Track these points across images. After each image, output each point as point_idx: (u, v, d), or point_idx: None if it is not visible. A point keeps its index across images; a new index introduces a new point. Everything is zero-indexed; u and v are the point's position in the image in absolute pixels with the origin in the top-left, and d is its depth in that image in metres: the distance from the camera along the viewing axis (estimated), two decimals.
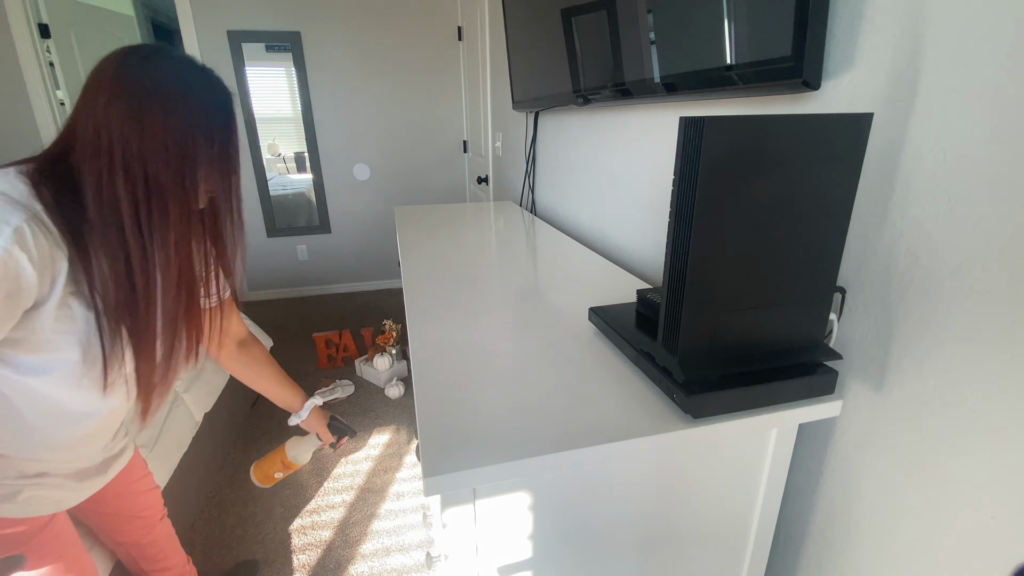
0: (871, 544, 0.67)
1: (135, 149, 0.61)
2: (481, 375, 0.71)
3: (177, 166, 0.64)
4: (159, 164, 0.62)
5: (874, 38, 0.59)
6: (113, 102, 0.61)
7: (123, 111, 0.61)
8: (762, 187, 0.52)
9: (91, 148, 0.61)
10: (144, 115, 0.61)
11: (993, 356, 0.50)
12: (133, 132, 0.61)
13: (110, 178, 0.61)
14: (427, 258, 1.31)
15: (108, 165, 0.61)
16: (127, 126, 0.61)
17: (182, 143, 0.64)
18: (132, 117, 0.61)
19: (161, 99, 0.63)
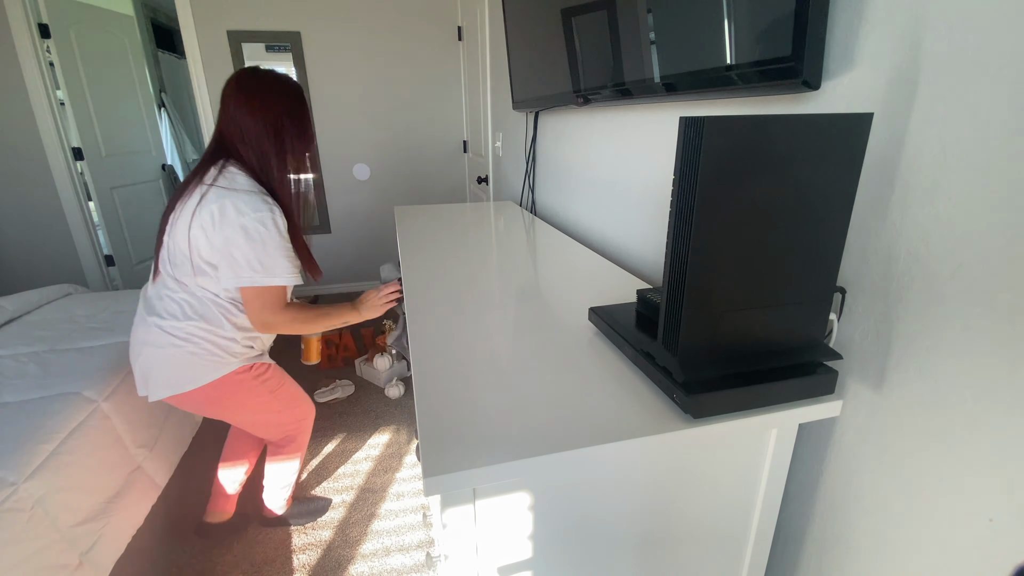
0: (871, 544, 0.67)
1: (253, 133, 1.11)
2: (481, 375, 0.71)
3: (276, 137, 1.12)
4: (269, 138, 1.12)
5: (874, 38, 0.59)
6: (238, 106, 1.10)
7: (243, 110, 1.10)
8: (762, 187, 0.52)
9: (237, 137, 1.12)
10: (253, 110, 1.10)
11: (993, 357, 0.50)
12: (250, 122, 1.11)
13: (252, 152, 1.12)
14: (427, 258, 1.31)
15: (246, 144, 1.11)
16: (247, 119, 1.10)
17: (276, 123, 1.12)
18: (248, 113, 1.10)
19: (260, 98, 1.11)
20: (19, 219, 3.06)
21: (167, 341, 1.13)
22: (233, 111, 1.10)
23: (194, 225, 1.07)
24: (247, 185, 1.09)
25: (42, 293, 2.01)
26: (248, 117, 1.10)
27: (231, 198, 1.06)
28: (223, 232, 1.05)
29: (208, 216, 1.06)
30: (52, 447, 1.16)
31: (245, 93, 1.10)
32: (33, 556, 1.03)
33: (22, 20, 2.75)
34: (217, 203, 1.06)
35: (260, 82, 1.11)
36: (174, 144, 4.74)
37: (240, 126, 1.10)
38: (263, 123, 1.10)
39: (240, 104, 1.10)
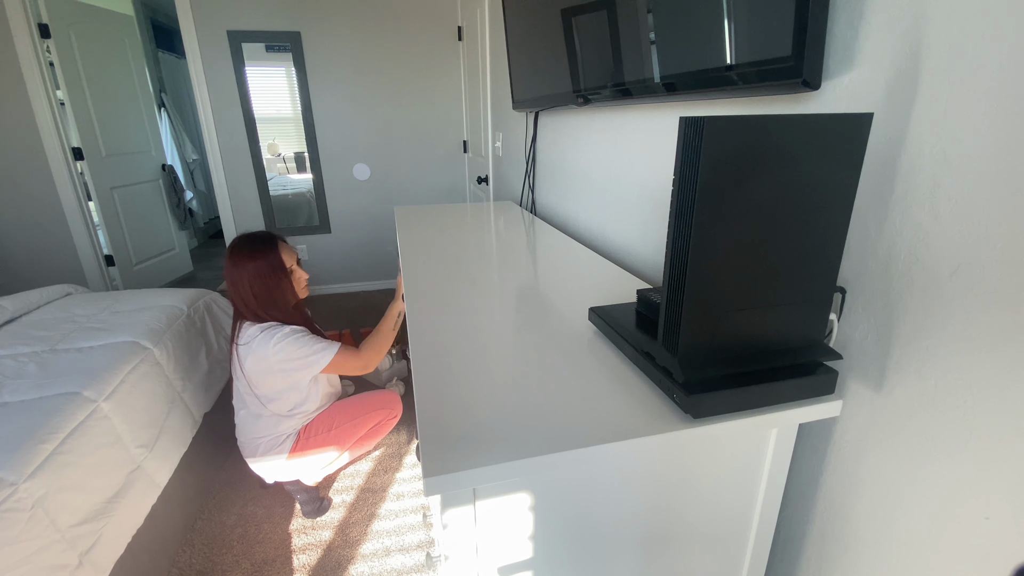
0: (871, 544, 0.67)
1: (235, 287, 1.45)
2: (481, 375, 0.71)
3: (257, 287, 1.44)
4: (248, 289, 1.44)
5: (874, 38, 0.59)
6: (228, 271, 1.45)
7: (231, 285, 1.45)
8: (762, 187, 0.52)
9: (233, 294, 1.46)
10: (235, 272, 1.44)
11: (993, 357, 0.50)
12: (233, 281, 1.45)
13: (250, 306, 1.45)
14: (427, 258, 1.31)
15: (245, 304, 1.46)
16: (235, 290, 1.45)
17: (253, 286, 1.44)
18: (233, 285, 1.45)
19: (239, 262, 1.44)
20: (19, 219, 3.06)
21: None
22: (229, 276, 1.45)
23: (247, 376, 1.46)
24: (255, 334, 1.43)
25: (42, 293, 2.01)
26: (234, 289, 1.44)
27: (253, 347, 1.42)
28: (273, 369, 1.43)
29: (252, 367, 1.44)
30: (52, 447, 1.16)
31: (231, 260, 1.44)
32: (33, 556, 1.03)
33: (22, 20, 2.75)
34: (249, 358, 1.43)
35: (233, 259, 1.44)
36: (174, 144, 4.74)
37: (234, 288, 1.44)
38: (247, 290, 1.44)
39: (230, 270, 1.44)
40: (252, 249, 1.45)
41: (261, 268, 1.44)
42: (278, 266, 1.47)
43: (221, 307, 2.17)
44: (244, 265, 1.43)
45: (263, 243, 1.47)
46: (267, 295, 1.45)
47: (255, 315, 1.45)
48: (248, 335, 1.44)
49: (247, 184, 3.39)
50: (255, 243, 1.46)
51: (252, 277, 1.43)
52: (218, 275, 4.20)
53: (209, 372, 1.88)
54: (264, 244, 1.47)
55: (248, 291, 1.43)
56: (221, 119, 3.21)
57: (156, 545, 1.44)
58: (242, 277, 1.43)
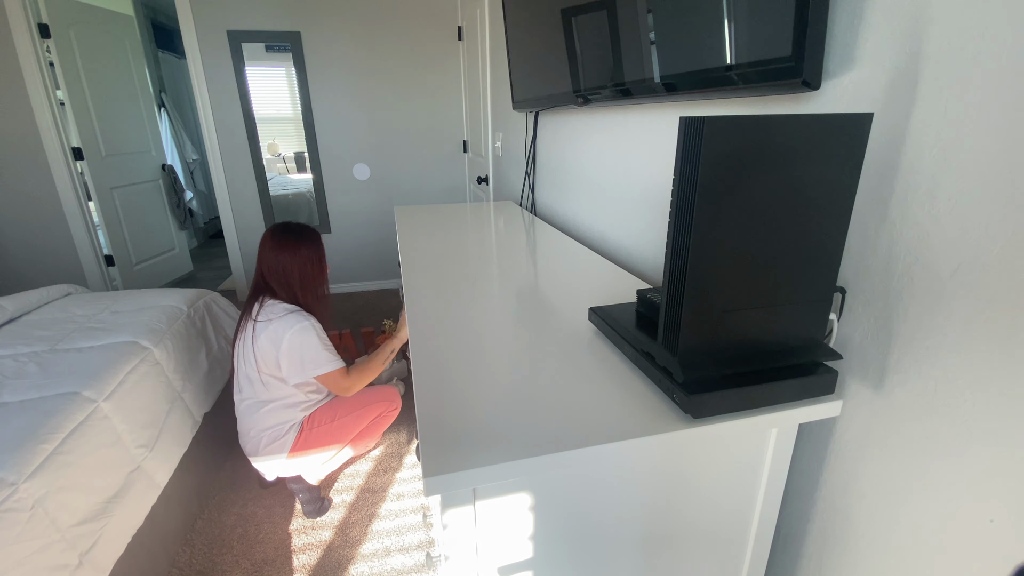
0: (871, 544, 0.67)
1: (281, 269, 1.50)
2: (481, 375, 0.71)
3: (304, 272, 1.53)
4: (296, 272, 1.51)
5: (874, 38, 0.59)
6: (270, 252, 1.50)
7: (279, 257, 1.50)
8: (762, 187, 0.52)
9: (273, 274, 1.51)
10: (283, 255, 1.50)
11: (993, 357, 0.50)
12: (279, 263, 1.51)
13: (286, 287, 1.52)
14: (427, 258, 1.31)
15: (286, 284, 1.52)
16: (278, 261, 1.50)
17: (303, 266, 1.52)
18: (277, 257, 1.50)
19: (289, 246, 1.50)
20: (19, 219, 3.06)
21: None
22: (271, 258, 1.50)
23: (257, 353, 1.48)
24: (283, 311, 1.47)
25: (42, 293, 2.01)
26: (280, 268, 1.50)
27: (273, 325, 1.45)
28: (281, 349, 1.45)
29: (264, 344, 1.46)
30: (52, 447, 1.16)
31: (279, 243, 1.50)
32: (33, 556, 1.03)
33: (22, 20, 2.75)
34: (265, 333, 1.46)
35: (285, 241, 1.50)
36: (174, 144, 4.74)
37: (277, 269, 1.50)
38: (294, 272, 1.51)
39: (276, 252, 1.50)
40: (305, 236, 1.54)
41: (312, 255, 1.54)
42: (323, 257, 1.59)
43: (221, 307, 2.17)
44: (297, 248, 1.50)
45: (314, 233, 1.58)
46: (311, 281, 1.54)
47: (291, 295, 1.51)
48: (272, 311, 1.48)
49: (247, 184, 3.39)
50: (308, 231, 1.56)
51: (303, 261, 1.51)
52: (218, 275, 4.20)
53: (209, 372, 1.88)
54: (315, 234, 1.58)
55: (296, 273, 1.50)
56: (221, 119, 3.21)
57: (156, 545, 1.44)
58: (292, 259, 1.50)
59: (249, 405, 1.55)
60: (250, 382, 1.53)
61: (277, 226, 1.54)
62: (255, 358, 1.49)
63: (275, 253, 1.50)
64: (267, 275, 1.51)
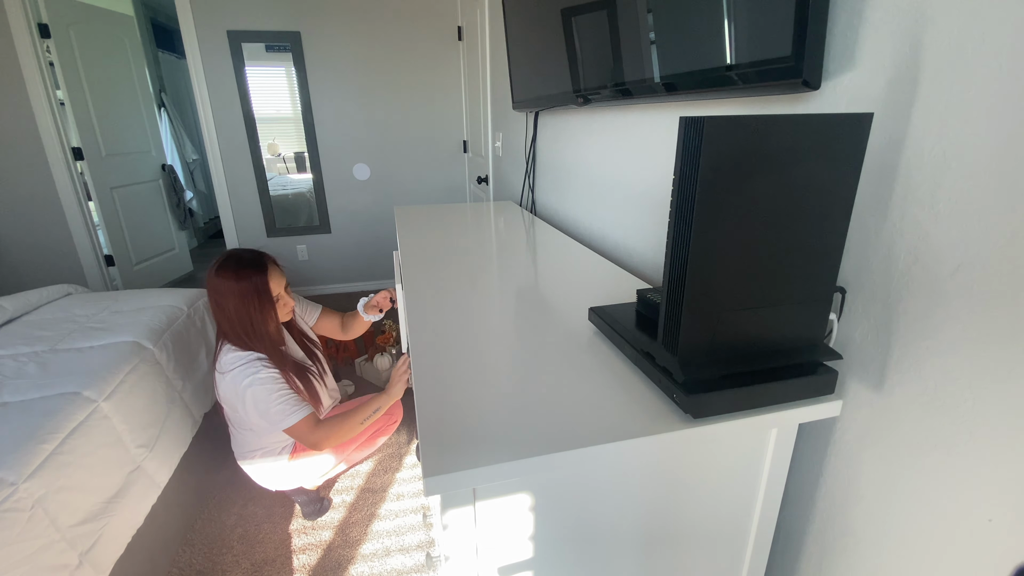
0: (871, 544, 0.67)
1: (232, 316, 1.37)
2: (481, 375, 0.71)
3: (247, 316, 1.37)
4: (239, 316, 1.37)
5: (874, 38, 0.59)
6: (213, 290, 1.37)
7: (213, 303, 1.38)
8: (762, 187, 0.52)
9: (221, 320, 1.38)
10: (220, 302, 1.36)
11: (993, 357, 0.50)
12: (221, 312, 1.37)
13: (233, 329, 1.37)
14: (427, 258, 1.31)
15: (229, 325, 1.38)
16: (218, 309, 1.37)
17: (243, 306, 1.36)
18: (216, 304, 1.37)
19: (220, 291, 1.36)
20: (19, 219, 3.06)
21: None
22: (209, 292, 1.38)
23: (221, 398, 1.43)
24: (232, 364, 1.35)
25: (42, 293, 2.01)
26: (216, 306, 1.37)
27: (225, 381, 1.36)
28: (246, 405, 1.36)
29: (226, 396, 1.40)
30: (52, 447, 1.16)
31: (210, 286, 1.37)
32: (33, 556, 1.03)
33: (22, 20, 2.75)
34: (221, 387, 1.39)
35: (219, 275, 1.35)
36: (174, 144, 4.74)
37: (217, 314, 1.38)
38: (230, 312, 1.36)
39: (211, 296, 1.37)
40: (239, 268, 1.35)
41: (246, 291, 1.34)
42: (264, 292, 1.37)
43: None
44: (229, 285, 1.33)
45: (252, 265, 1.37)
46: (248, 321, 1.36)
47: (237, 339, 1.37)
48: (226, 362, 1.36)
49: (247, 184, 3.39)
50: (243, 263, 1.36)
51: (236, 299, 1.34)
52: None
53: (209, 372, 1.88)
54: (253, 266, 1.37)
55: (231, 314, 1.35)
56: (221, 119, 3.21)
57: (156, 545, 1.44)
58: (225, 297, 1.34)
59: (235, 431, 1.53)
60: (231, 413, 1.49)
61: (222, 257, 1.38)
62: (223, 405, 1.44)
63: (213, 286, 1.35)
64: (214, 312, 1.39)
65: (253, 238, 3.50)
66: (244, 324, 1.36)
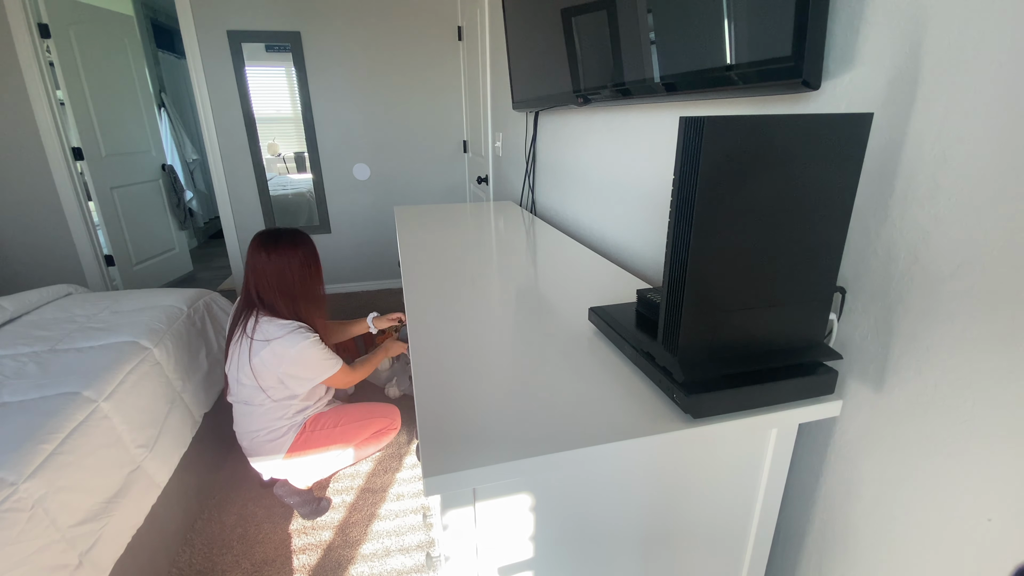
0: (871, 544, 0.67)
1: (290, 282, 1.48)
2: (481, 375, 0.71)
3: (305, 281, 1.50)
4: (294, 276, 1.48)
5: (874, 38, 0.59)
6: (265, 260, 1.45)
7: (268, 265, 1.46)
8: (762, 187, 0.52)
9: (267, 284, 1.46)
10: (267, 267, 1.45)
11: (993, 357, 0.50)
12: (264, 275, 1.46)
13: (287, 295, 1.48)
14: (427, 258, 1.31)
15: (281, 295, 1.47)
16: (273, 270, 1.46)
17: (296, 271, 1.48)
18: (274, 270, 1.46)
19: (286, 255, 1.46)
20: (19, 219, 3.06)
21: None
22: (260, 266, 1.45)
23: (255, 370, 1.47)
24: (279, 331, 1.44)
25: (42, 293, 2.01)
26: (272, 279, 1.45)
27: (274, 346, 1.43)
28: (283, 367, 1.45)
29: (267, 360, 1.45)
30: (52, 447, 1.16)
31: (263, 261, 1.44)
32: (33, 556, 1.03)
33: (22, 20, 2.75)
34: (266, 351, 1.44)
35: (275, 249, 1.45)
36: (174, 144, 4.74)
37: (268, 287, 1.46)
38: (289, 279, 1.46)
39: (261, 270, 1.45)
40: (294, 240, 1.48)
41: (305, 258, 1.48)
42: (317, 258, 1.54)
43: (221, 307, 2.17)
44: (288, 254, 1.45)
45: (302, 235, 1.53)
46: (305, 285, 1.49)
47: (289, 308, 1.47)
48: (270, 330, 1.44)
49: (247, 184, 3.39)
50: (296, 235, 1.51)
51: (298, 266, 1.46)
52: (218, 275, 4.19)
53: (209, 372, 1.88)
54: (304, 236, 1.53)
55: (290, 280, 1.46)
56: (221, 119, 3.21)
57: (156, 545, 1.44)
58: (284, 266, 1.45)
59: (245, 408, 1.56)
60: (245, 388, 1.52)
61: (270, 232, 1.49)
62: (252, 372, 1.47)
63: (267, 261, 1.45)
64: (260, 285, 1.46)
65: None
66: (301, 289, 1.48)
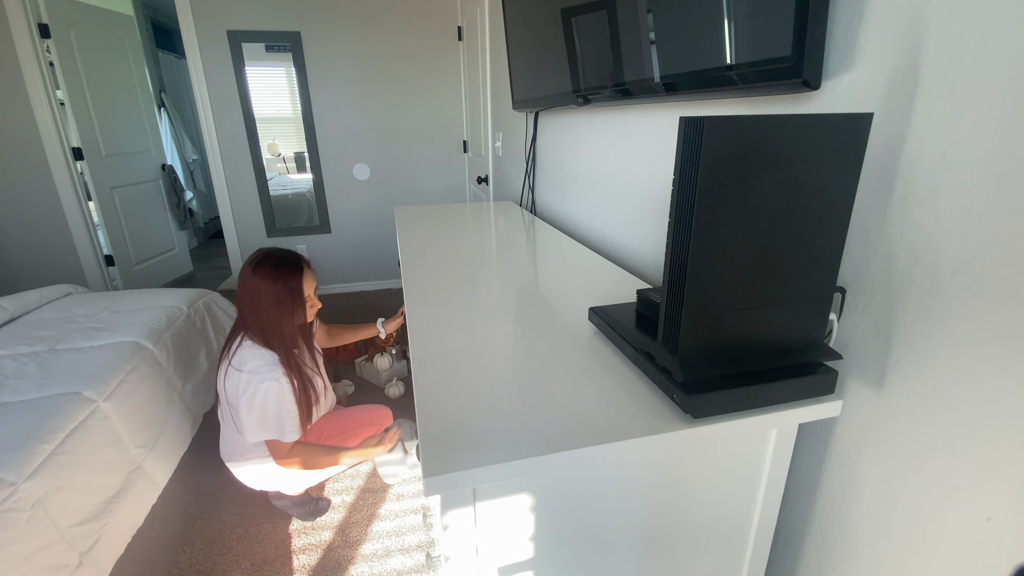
0: (871, 544, 0.67)
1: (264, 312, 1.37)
2: (481, 375, 0.71)
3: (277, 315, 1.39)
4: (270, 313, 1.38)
5: (874, 38, 0.59)
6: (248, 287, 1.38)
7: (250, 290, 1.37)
8: (762, 187, 0.52)
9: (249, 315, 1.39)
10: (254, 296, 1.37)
11: (993, 357, 0.50)
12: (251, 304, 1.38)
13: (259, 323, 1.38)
14: (427, 258, 1.31)
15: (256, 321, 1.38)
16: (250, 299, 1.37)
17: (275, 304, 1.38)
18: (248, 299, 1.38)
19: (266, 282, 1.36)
20: (19, 219, 3.06)
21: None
22: (241, 281, 1.39)
23: (227, 390, 1.40)
24: (253, 361, 1.36)
25: (42, 293, 2.01)
26: (249, 302, 1.38)
27: (239, 377, 1.36)
28: (240, 403, 1.36)
29: (230, 390, 1.39)
30: (52, 447, 1.16)
31: (246, 282, 1.38)
32: (33, 556, 1.03)
33: (22, 20, 2.75)
34: (231, 381, 1.38)
35: (257, 273, 1.37)
36: (174, 144, 4.74)
37: (247, 308, 1.39)
38: (262, 308, 1.37)
39: (245, 291, 1.38)
40: (277, 268, 1.37)
41: (281, 291, 1.37)
42: (297, 294, 1.41)
43: (221, 307, 2.17)
44: (265, 284, 1.35)
45: (292, 265, 1.41)
46: (277, 320, 1.38)
47: (260, 335, 1.38)
48: (246, 358, 1.37)
49: (247, 184, 3.39)
50: (284, 263, 1.39)
51: (270, 297, 1.36)
52: (218, 275, 4.19)
53: (209, 372, 1.88)
54: (292, 266, 1.41)
55: (262, 311, 1.36)
56: (221, 119, 3.21)
57: (156, 545, 1.43)
58: (259, 294, 1.36)
59: (229, 432, 1.52)
60: (225, 412, 1.48)
61: (261, 253, 1.40)
62: (225, 395, 1.42)
63: (249, 283, 1.36)
64: (240, 302, 1.39)
65: (253, 238, 3.50)
66: (272, 322, 1.38)
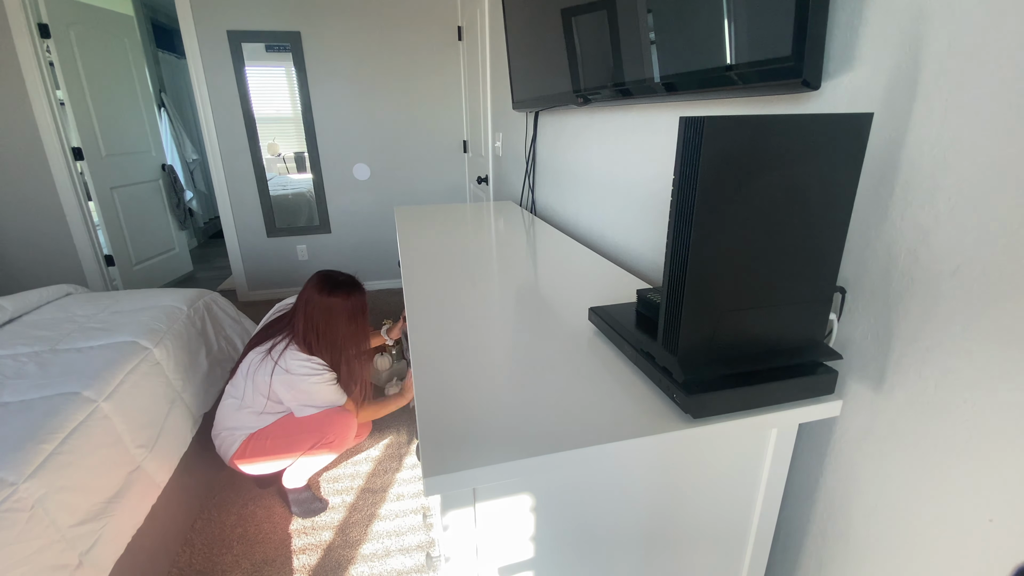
0: (871, 544, 0.67)
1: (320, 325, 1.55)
2: (481, 375, 0.71)
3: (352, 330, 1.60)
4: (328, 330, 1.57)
5: (874, 38, 0.59)
6: (307, 307, 1.55)
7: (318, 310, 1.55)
8: (762, 187, 0.52)
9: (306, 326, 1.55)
10: (317, 308, 1.55)
11: (993, 357, 0.50)
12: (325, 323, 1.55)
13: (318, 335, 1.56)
14: (427, 258, 1.31)
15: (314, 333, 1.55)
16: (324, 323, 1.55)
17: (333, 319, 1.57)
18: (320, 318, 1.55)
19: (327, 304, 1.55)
20: (19, 219, 3.06)
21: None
22: (312, 304, 1.54)
23: (274, 384, 1.53)
24: (302, 368, 1.52)
25: (42, 293, 2.01)
26: (324, 322, 1.54)
27: (288, 377, 1.52)
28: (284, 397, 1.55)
29: (278, 387, 1.53)
30: (52, 447, 1.16)
31: (320, 304, 1.54)
32: (33, 556, 1.03)
33: (22, 20, 2.75)
34: (279, 379, 1.52)
35: (337, 286, 1.56)
36: (174, 144, 4.74)
37: (314, 318, 1.54)
38: (336, 326, 1.56)
39: (315, 311, 1.54)
40: (350, 291, 1.58)
41: (353, 311, 1.59)
42: (365, 311, 1.64)
43: (221, 307, 2.17)
44: (341, 303, 1.55)
45: (358, 288, 1.62)
46: (348, 337, 1.59)
47: (326, 352, 1.56)
48: (295, 365, 1.52)
49: (247, 184, 3.39)
50: (354, 286, 1.60)
51: (345, 319, 1.56)
52: (218, 275, 4.19)
53: (209, 372, 1.88)
54: (359, 289, 1.63)
55: (335, 328, 1.55)
56: (221, 119, 3.21)
57: (156, 545, 1.44)
58: (335, 314, 1.54)
59: (232, 403, 1.60)
60: (248, 391, 1.58)
61: (326, 274, 1.58)
62: (269, 388, 1.54)
63: (330, 303, 1.53)
64: (305, 321, 1.54)
65: (253, 238, 3.50)
66: (347, 341, 1.59)
